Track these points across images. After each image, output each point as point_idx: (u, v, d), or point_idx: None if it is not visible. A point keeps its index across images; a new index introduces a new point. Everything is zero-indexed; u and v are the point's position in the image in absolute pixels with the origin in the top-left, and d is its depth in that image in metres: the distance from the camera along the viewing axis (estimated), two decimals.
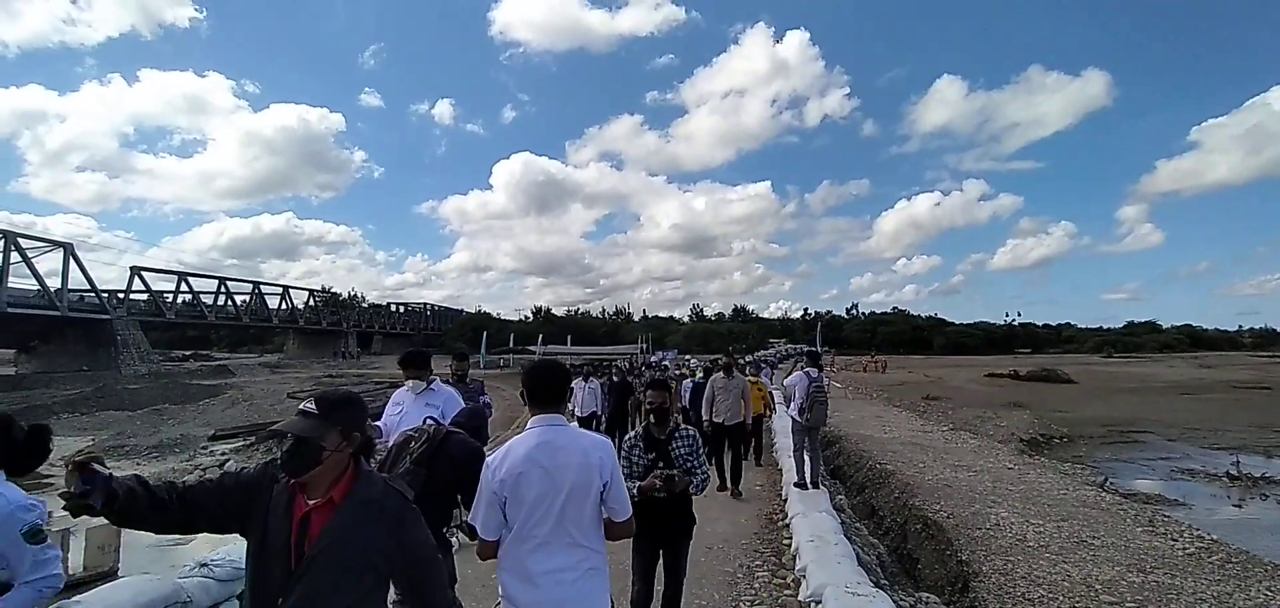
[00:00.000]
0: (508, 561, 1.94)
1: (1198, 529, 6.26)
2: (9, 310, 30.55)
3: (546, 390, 2.02)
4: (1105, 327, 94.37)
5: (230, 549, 3.37)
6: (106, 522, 8.42)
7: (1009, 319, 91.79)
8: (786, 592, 3.94)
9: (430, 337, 66.43)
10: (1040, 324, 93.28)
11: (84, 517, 1.46)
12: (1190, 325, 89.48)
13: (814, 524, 4.51)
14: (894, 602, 3.14)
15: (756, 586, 4.13)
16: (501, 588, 1.97)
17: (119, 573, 5.93)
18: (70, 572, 5.57)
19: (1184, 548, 5.49)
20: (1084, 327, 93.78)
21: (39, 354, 34.52)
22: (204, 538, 8.50)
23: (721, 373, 7.58)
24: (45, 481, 11.92)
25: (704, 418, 7.23)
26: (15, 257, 31.07)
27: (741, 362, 12.91)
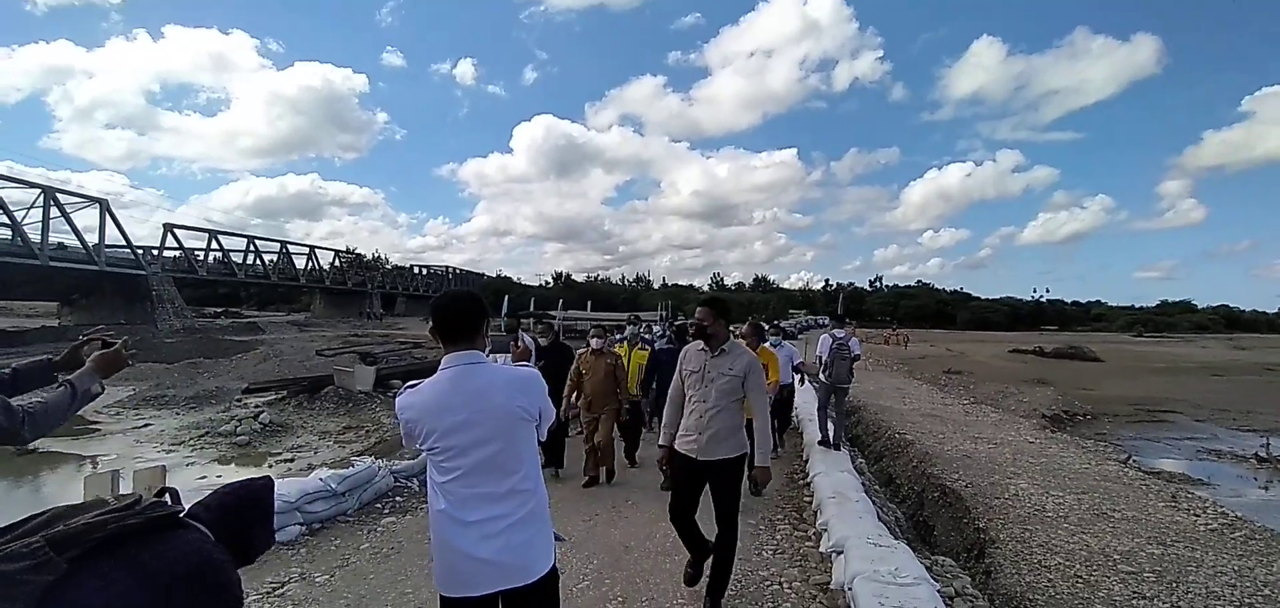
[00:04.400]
0: (436, 511, 1.78)
1: (1222, 507, 6.21)
2: (51, 265, 31.75)
3: (459, 323, 1.80)
4: (1137, 305, 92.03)
5: (280, 484, 3.67)
6: (153, 463, 8.90)
7: (1036, 295, 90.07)
8: (808, 544, 4.06)
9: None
10: (1069, 301, 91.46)
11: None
12: (1227, 306, 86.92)
13: (836, 482, 4.61)
14: (914, 553, 3.21)
15: (778, 538, 4.26)
16: (433, 537, 1.79)
17: None
18: None
19: (1207, 524, 5.47)
20: (1115, 305, 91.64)
21: (79, 308, 35.85)
22: (299, 457, 8.90)
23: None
24: (91, 426, 12.43)
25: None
26: (54, 212, 32.11)
27: (775, 324, 11.12)
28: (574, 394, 5.76)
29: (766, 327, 7.24)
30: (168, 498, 1.37)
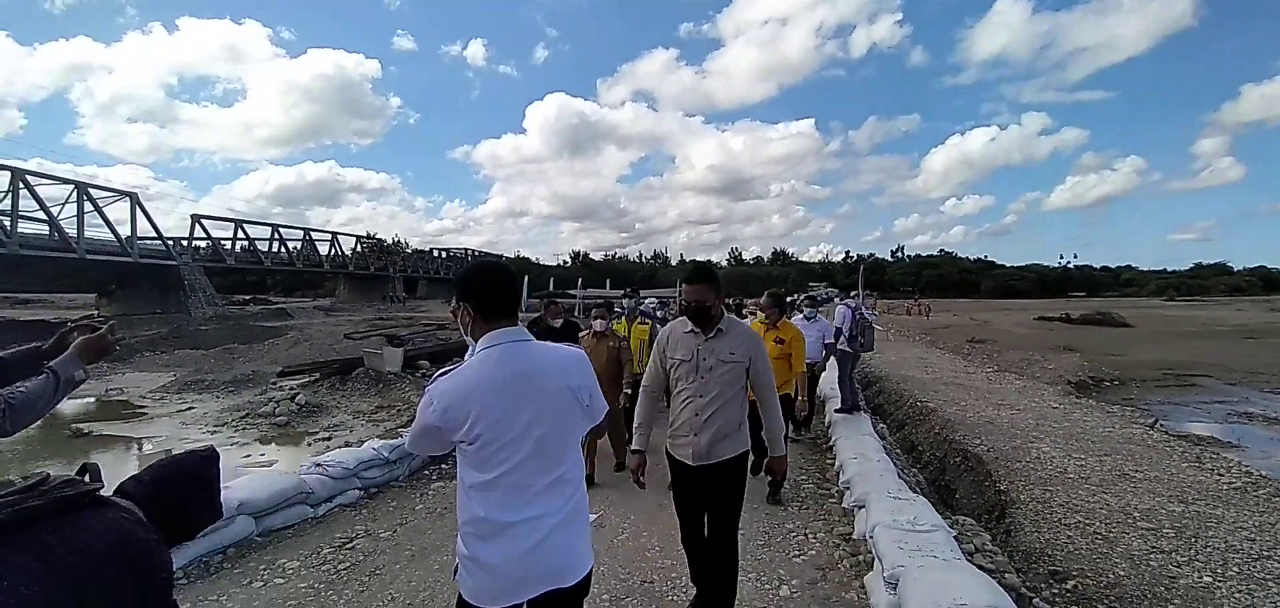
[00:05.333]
0: (473, 518, 1.57)
1: (1246, 466, 6.22)
2: (87, 258, 32.88)
3: (503, 296, 1.62)
4: (1170, 269, 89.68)
5: (339, 453, 4.00)
6: (200, 443, 9.34)
7: (1064, 261, 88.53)
8: (831, 501, 4.26)
9: None
10: (1098, 267, 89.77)
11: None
12: (1265, 267, 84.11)
13: (857, 444, 4.79)
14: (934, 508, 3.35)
15: (803, 495, 4.49)
16: (462, 546, 1.59)
17: None
18: None
19: (1229, 483, 5.50)
20: (1146, 269, 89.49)
21: (116, 298, 37.13)
22: (335, 436, 9.38)
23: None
24: (138, 410, 12.99)
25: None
26: (87, 206, 33.14)
27: (810, 296, 9.52)
28: None
29: (796, 298, 6.89)
30: (87, 476, 1.27)
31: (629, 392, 5.22)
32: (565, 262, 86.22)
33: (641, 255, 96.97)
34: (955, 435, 7.18)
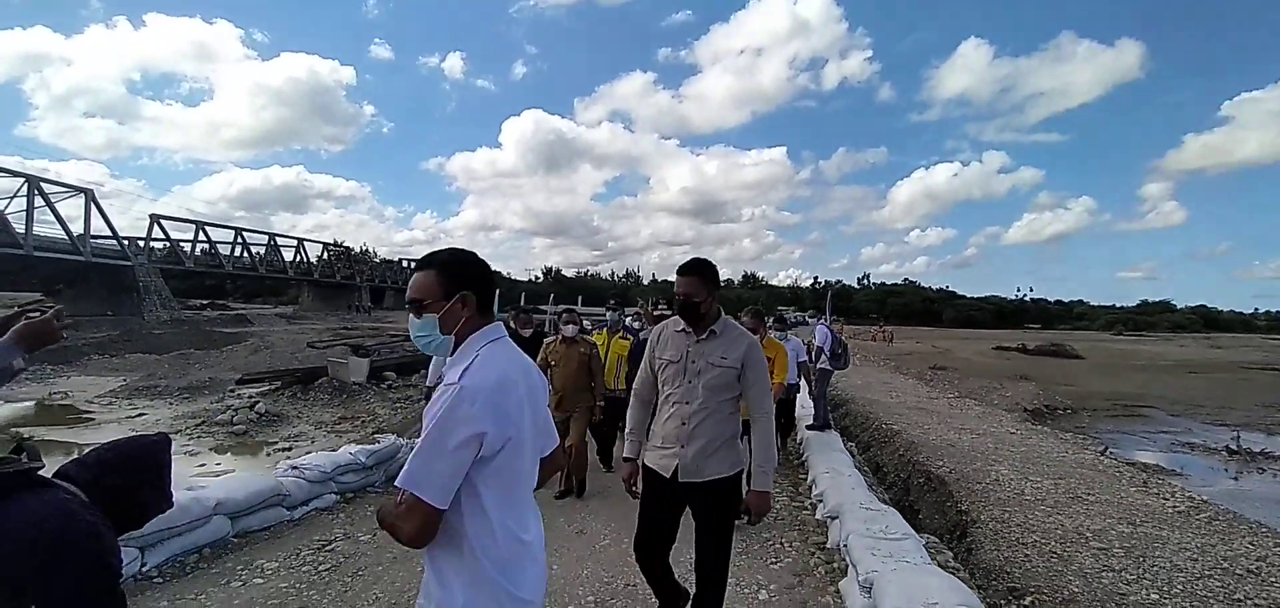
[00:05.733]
0: (500, 539, 1.30)
1: (1189, 492, 6.55)
2: (35, 255, 31.34)
3: (493, 289, 1.43)
4: (1118, 305, 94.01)
5: (315, 456, 3.97)
6: None
7: (1020, 294, 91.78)
8: (804, 513, 4.37)
9: None
10: (1052, 300, 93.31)
11: None
12: (1205, 306, 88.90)
13: (829, 460, 4.94)
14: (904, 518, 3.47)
15: (777, 508, 4.60)
16: (482, 578, 1.28)
17: None
18: None
19: (1174, 506, 5.79)
20: (1097, 304, 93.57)
21: (64, 298, 35.28)
22: (296, 447, 9.12)
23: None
24: (84, 415, 12.41)
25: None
26: (38, 201, 31.69)
27: (779, 316, 8.35)
28: None
29: (767, 319, 6.23)
30: (24, 455, 1.24)
31: (602, 404, 5.07)
32: (537, 277, 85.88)
33: (614, 274, 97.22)
34: (919, 457, 7.38)
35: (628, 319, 7.07)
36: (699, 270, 2.37)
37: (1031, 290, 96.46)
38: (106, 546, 1.23)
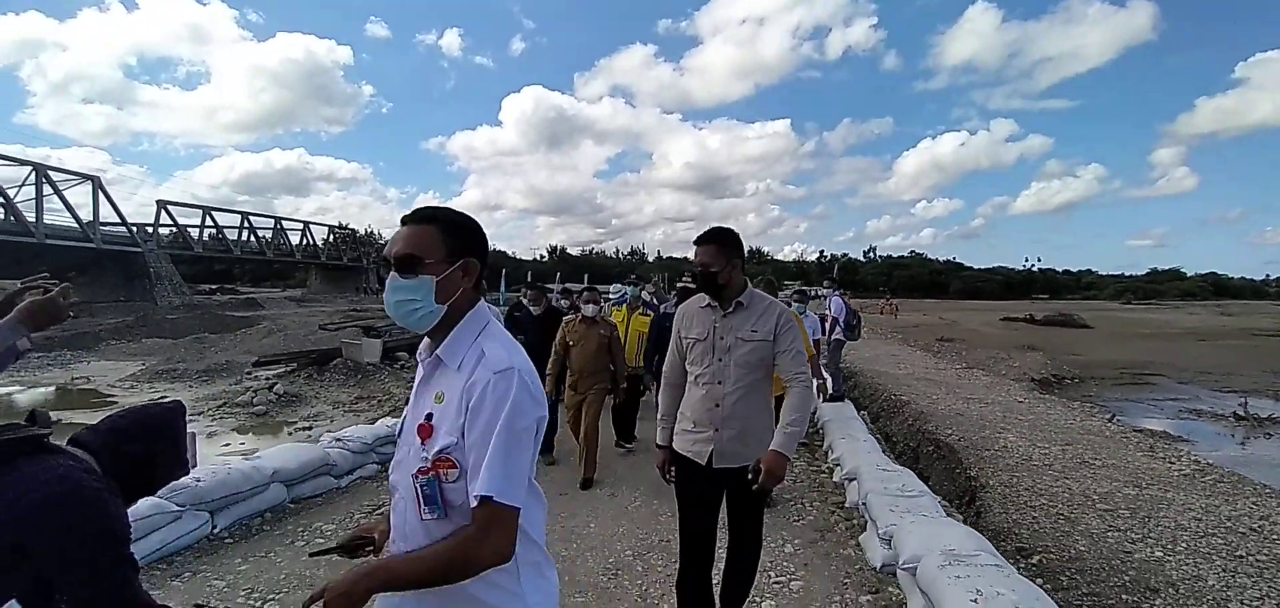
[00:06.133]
0: (528, 539, 1.17)
1: (1194, 456, 6.67)
2: (47, 243, 31.67)
3: (486, 266, 1.26)
4: (1127, 274, 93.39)
5: (356, 428, 4.26)
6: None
7: (1028, 264, 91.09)
8: (821, 474, 4.59)
9: None
10: (1060, 270, 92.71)
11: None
12: (1216, 273, 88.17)
13: (844, 426, 5.16)
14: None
15: (795, 472, 4.84)
16: (545, 570, 1.21)
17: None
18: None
19: (1180, 470, 5.91)
20: (1105, 273, 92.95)
21: (77, 286, 35.85)
22: (315, 426, 9.40)
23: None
24: (107, 398, 12.71)
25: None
26: (46, 190, 31.92)
27: (800, 290, 9.04)
28: (558, 369, 4.88)
29: (786, 289, 6.56)
30: (34, 422, 1.25)
31: (624, 388, 4.87)
32: (542, 256, 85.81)
33: (618, 251, 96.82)
34: (928, 426, 7.52)
35: (645, 293, 6.95)
36: (717, 238, 2.23)
37: (1039, 261, 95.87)
38: (110, 513, 1.21)
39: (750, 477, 2.14)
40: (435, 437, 1.11)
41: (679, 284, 5.38)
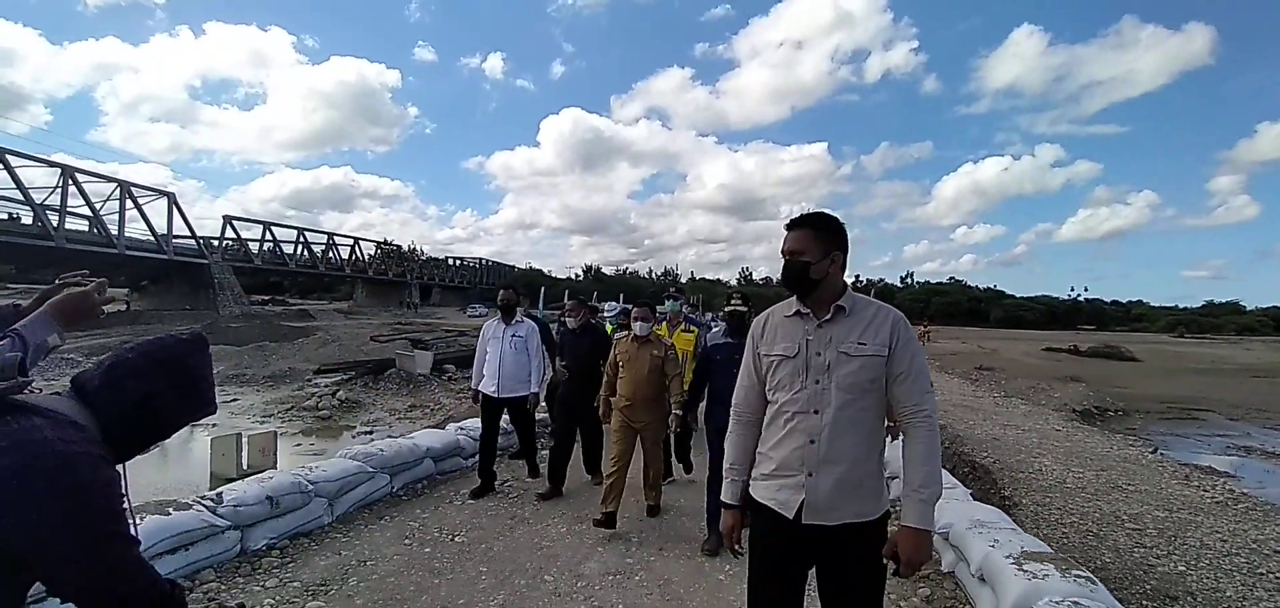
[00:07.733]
0: None
1: (1229, 485, 6.80)
2: (126, 253, 34.17)
3: None
4: (1182, 306, 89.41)
5: (466, 423, 5.12)
6: (266, 428, 10.04)
7: (1074, 294, 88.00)
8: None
9: (486, 290, 69.61)
10: (1108, 300, 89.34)
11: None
12: (1278, 308, 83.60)
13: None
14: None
15: None
16: None
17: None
18: (242, 468, 7.07)
19: (1213, 497, 6.09)
20: (1157, 305, 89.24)
21: (149, 294, 38.46)
22: (376, 430, 10.23)
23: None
24: None
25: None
26: (128, 204, 34.46)
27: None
28: (609, 392, 4.40)
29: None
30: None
31: (679, 414, 4.23)
32: (577, 274, 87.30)
33: (651, 271, 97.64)
34: (963, 449, 7.79)
35: (687, 309, 6.58)
36: (814, 223, 1.76)
37: (1085, 290, 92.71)
38: (102, 477, 1.07)
39: (887, 562, 1.68)
40: None
41: (728, 308, 4.43)
